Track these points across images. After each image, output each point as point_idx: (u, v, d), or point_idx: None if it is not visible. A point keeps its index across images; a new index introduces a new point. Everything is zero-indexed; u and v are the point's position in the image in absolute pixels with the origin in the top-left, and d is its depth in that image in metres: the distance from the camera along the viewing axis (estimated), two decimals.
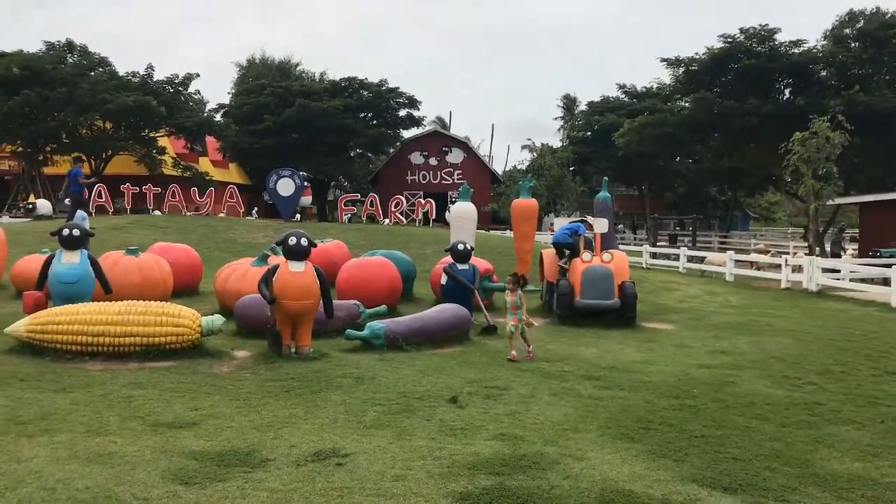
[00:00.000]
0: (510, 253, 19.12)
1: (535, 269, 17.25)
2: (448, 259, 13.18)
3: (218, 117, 49.19)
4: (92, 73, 40.37)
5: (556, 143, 63.39)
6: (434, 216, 26.49)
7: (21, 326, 8.85)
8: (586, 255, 12.80)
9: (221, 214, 27.90)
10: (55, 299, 9.89)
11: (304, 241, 9.29)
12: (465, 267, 12.01)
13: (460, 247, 11.97)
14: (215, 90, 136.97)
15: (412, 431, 6.32)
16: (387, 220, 27.06)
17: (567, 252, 13.44)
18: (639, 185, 50.68)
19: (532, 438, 6.23)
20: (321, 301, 9.44)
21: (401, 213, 26.88)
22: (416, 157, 56.39)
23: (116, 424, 6.22)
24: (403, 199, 27.92)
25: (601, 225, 14.59)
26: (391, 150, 55.88)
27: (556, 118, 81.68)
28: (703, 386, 8.53)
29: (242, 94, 52.01)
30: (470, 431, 6.37)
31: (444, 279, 12.05)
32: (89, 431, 5.99)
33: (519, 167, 67.92)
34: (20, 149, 38.67)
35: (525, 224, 16.19)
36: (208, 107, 50.26)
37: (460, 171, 55.16)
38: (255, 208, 45.79)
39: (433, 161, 56.22)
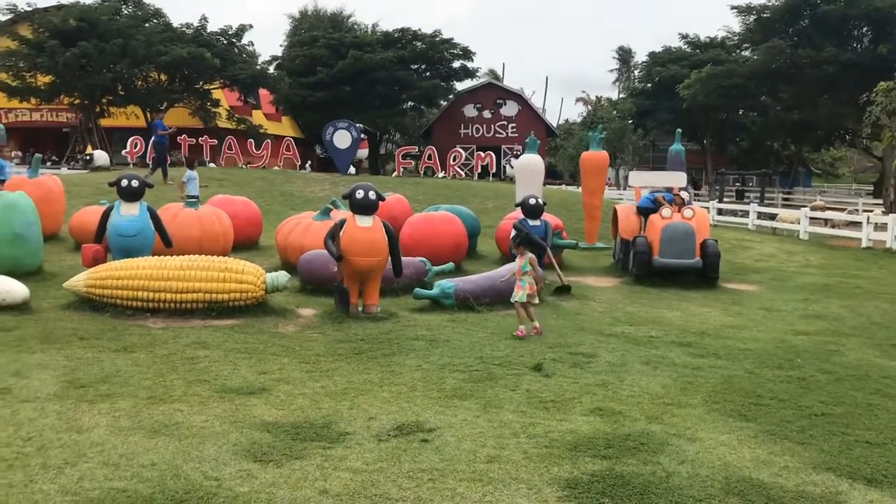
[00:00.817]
0: (576, 208, 18.39)
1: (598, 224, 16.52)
2: (517, 214, 12.54)
3: (271, 70, 48.70)
4: (146, 25, 40.09)
5: (612, 95, 61.64)
6: (494, 170, 25.69)
7: (80, 281, 8.50)
8: (665, 211, 11.99)
9: (277, 167, 27.56)
10: (114, 253, 9.54)
11: (371, 195, 8.73)
12: (537, 223, 11.34)
13: (531, 201, 11.29)
14: (267, 43, 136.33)
15: (498, 403, 5.76)
16: (441, 174, 26.37)
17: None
18: (700, 139, 48.87)
19: (633, 414, 5.62)
20: (389, 258, 8.90)
21: (459, 167, 26.14)
22: (470, 110, 55.14)
23: (181, 389, 5.79)
24: (462, 151, 27.11)
25: (679, 179, 13.77)
26: (443, 103, 54.85)
27: (610, 70, 79.47)
28: (807, 355, 7.80)
29: (295, 46, 51.40)
30: (562, 404, 5.79)
31: (513, 235, 11.38)
32: (153, 397, 5.56)
33: (573, 121, 66.49)
34: (77, 101, 38.79)
35: (595, 178, 15.40)
36: (260, 60, 49.81)
37: (514, 124, 53.86)
38: (309, 162, 45.60)
39: (487, 114, 54.91)
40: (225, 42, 42.71)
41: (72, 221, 13.21)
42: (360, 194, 8.69)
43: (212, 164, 27.52)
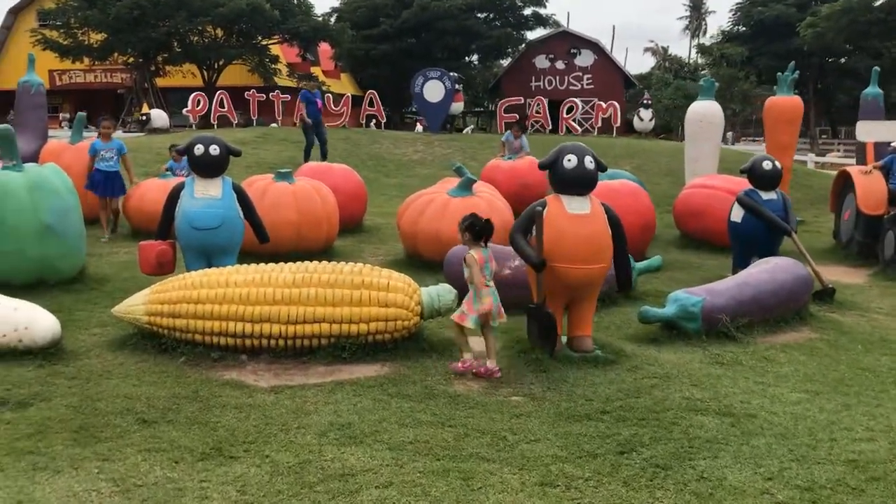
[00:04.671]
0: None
1: (797, 192, 13.09)
2: (706, 182, 9.20)
3: (331, 22, 45.49)
4: None
5: (681, 45, 56.98)
6: (600, 124, 22.07)
7: (139, 305, 5.44)
8: None
9: (356, 127, 24.26)
10: (187, 254, 6.49)
11: (589, 162, 5.48)
12: (772, 195, 7.90)
13: (766, 165, 7.85)
14: None
15: None
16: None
17: None
18: (803, 89, 44.10)
19: None
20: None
21: (574, 121, 22.51)
22: (542, 61, 50.92)
23: None
24: (578, 103, 23.41)
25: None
26: (510, 55, 50.99)
27: (679, 18, 74.92)
28: None
29: None
30: None
31: (736, 213, 8.03)
32: None
33: (639, 73, 61.88)
34: (132, 59, 36.26)
35: (785, 130, 11.88)
36: (318, 12, 46.58)
37: (590, 76, 49.74)
38: (374, 120, 42.50)
39: (560, 65, 50.69)
40: None
41: (128, 199, 10.27)
42: (570, 161, 5.43)
43: (274, 125, 24.35)
